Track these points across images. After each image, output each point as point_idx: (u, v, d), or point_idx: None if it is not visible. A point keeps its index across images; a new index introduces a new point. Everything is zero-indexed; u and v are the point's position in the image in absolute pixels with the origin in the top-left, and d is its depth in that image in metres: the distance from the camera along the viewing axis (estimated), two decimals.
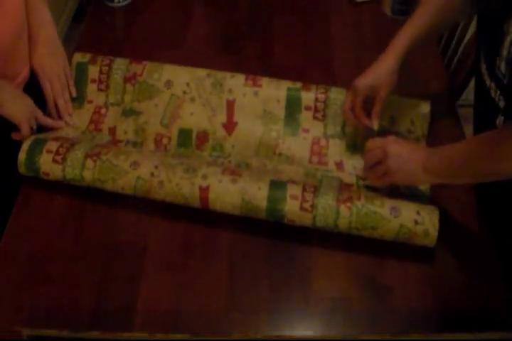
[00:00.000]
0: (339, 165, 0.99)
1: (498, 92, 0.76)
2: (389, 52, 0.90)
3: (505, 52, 0.72)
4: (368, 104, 0.96)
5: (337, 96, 1.02)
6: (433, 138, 1.02)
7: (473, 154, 0.78)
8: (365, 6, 1.33)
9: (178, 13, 1.32)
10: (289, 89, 1.02)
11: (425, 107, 1.01)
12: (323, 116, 1.02)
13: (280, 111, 1.02)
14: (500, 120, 0.77)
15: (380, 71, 0.91)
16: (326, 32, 1.27)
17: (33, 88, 1.04)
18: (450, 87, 1.17)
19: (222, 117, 1.02)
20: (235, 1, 1.36)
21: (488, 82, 0.78)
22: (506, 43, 0.71)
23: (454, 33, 1.24)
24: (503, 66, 0.73)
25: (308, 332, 0.82)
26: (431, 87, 1.15)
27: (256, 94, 1.02)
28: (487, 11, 0.79)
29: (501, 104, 0.76)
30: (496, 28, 0.73)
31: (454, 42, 1.25)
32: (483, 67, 0.79)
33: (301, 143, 1.01)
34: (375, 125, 0.94)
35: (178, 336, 0.81)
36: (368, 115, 0.95)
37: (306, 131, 1.02)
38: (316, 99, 1.02)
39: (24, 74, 1.03)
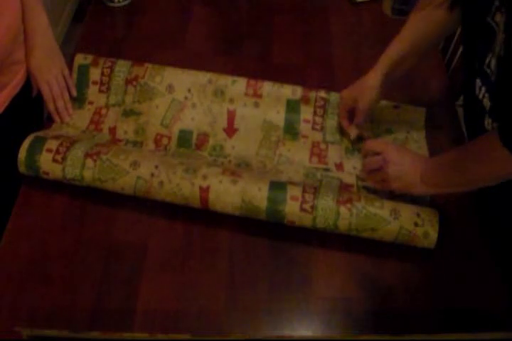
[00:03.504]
0: (339, 166, 0.99)
1: (484, 89, 0.76)
2: (374, 68, 0.95)
3: (497, 49, 0.71)
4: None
5: (334, 110, 1.04)
6: (432, 139, 1.02)
7: (466, 161, 0.78)
8: (365, 6, 1.32)
9: (178, 13, 1.32)
10: (288, 101, 1.03)
11: (420, 118, 1.03)
12: (322, 127, 1.04)
13: (280, 122, 1.03)
14: (488, 121, 0.78)
15: (362, 85, 0.97)
16: (326, 32, 1.27)
17: (30, 92, 1.04)
18: (450, 87, 1.17)
19: (223, 124, 1.03)
20: (235, 1, 1.36)
21: (478, 83, 0.78)
22: (499, 39, 0.71)
23: (454, 33, 1.24)
24: (493, 62, 0.73)
25: (308, 332, 0.82)
26: (431, 87, 1.15)
27: (256, 105, 1.04)
28: (471, 6, 0.79)
29: (485, 102, 0.76)
30: (482, 23, 0.73)
31: (454, 42, 1.25)
32: (476, 64, 0.79)
33: (301, 146, 1.02)
34: (352, 134, 1.00)
35: (178, 336, 0.80)
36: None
37: (306, 136, 1.03)
38: (315, 113, 1.04)
39: (19, 77, 1.01)
